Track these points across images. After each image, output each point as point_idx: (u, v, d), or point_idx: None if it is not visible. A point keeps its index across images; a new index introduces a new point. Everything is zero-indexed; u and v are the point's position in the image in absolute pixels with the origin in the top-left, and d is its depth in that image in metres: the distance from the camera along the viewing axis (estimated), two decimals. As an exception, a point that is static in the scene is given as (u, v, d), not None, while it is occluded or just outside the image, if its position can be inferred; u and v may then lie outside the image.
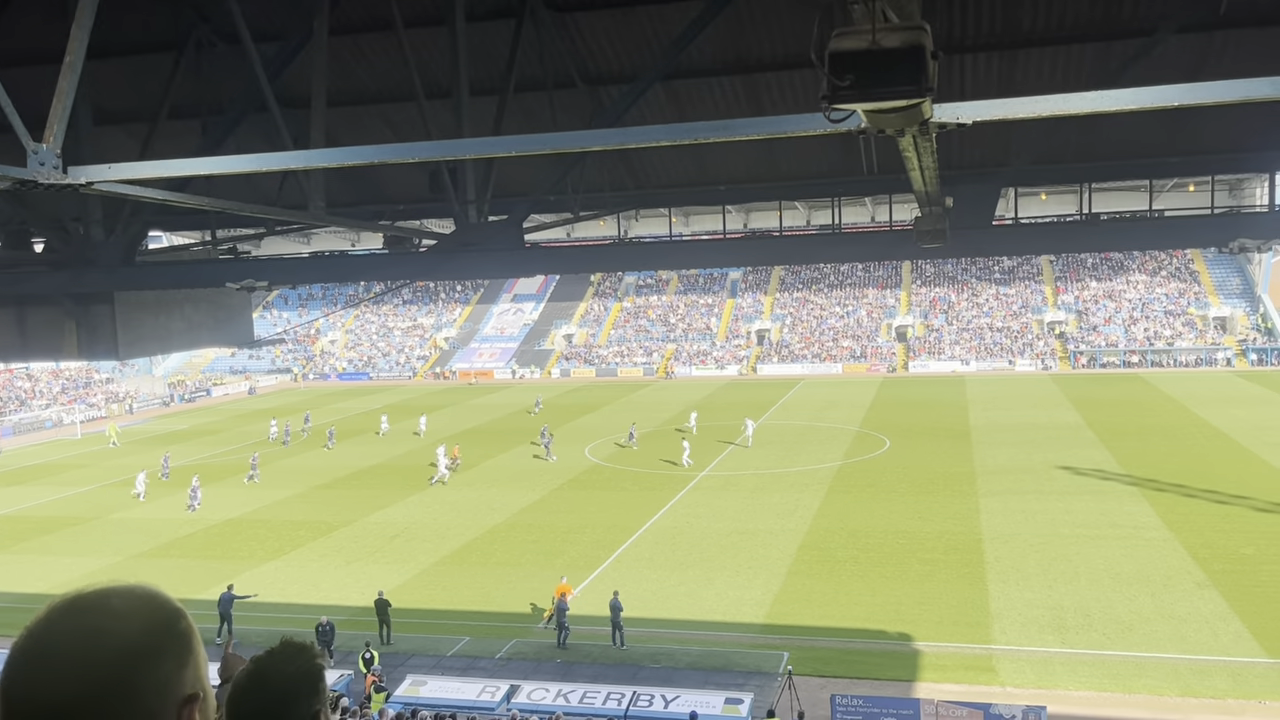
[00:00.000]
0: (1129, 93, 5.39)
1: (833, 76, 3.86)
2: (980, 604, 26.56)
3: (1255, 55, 12.59)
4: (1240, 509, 34.55)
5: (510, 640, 25.93)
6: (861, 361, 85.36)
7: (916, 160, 6.72)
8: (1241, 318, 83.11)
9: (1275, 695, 20.73)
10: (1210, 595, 26.35)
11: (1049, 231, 14.97)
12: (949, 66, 13.21)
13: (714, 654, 24.47)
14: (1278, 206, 15.06)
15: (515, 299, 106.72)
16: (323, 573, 32.07)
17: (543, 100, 14.51)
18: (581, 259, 16.24)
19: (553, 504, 39.95)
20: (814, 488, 40.73)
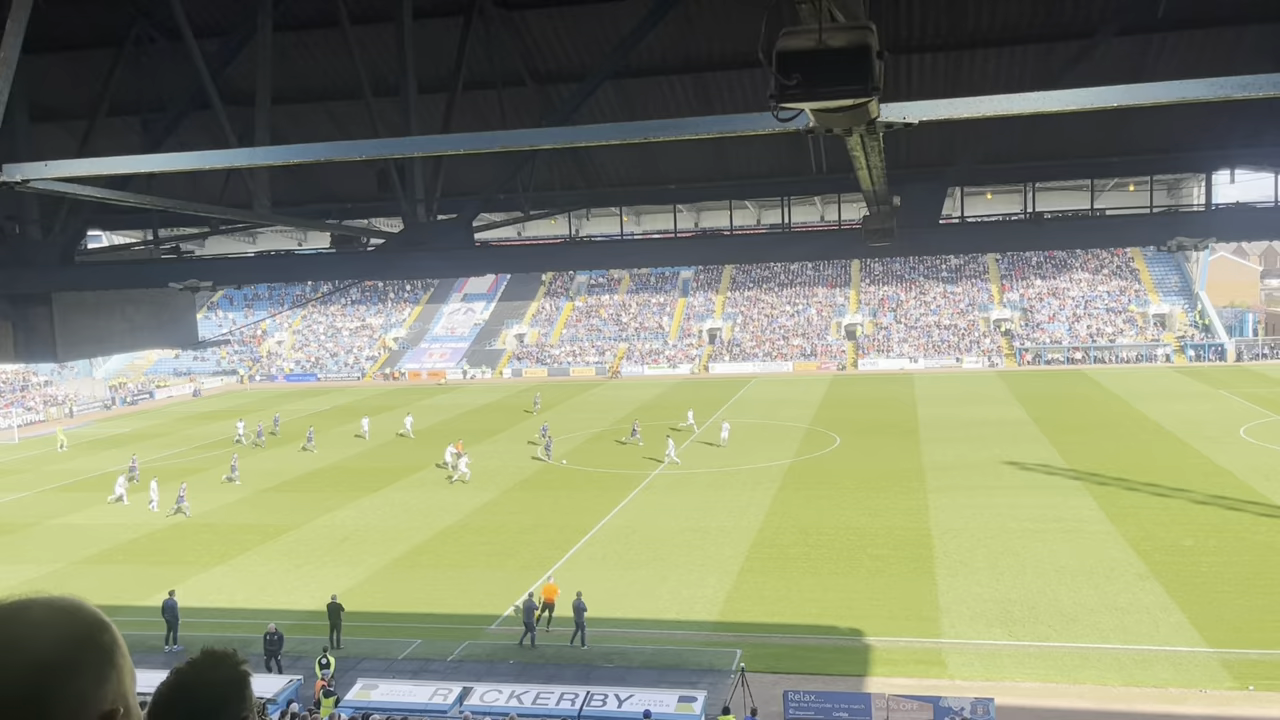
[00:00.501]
0: (1070, 93, 5.47)
1: (780, 76, 3.87)
2: (929, 598, 26.91)
3: (1192, 57, 12.89)
4: (1180, 502, 35.40)
5: (463, 642, 25.75)
6: (812, 360, 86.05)
7: (864, 159, 6.77)
8: (1180, 315, 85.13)
9: (1215, 684, 21.26)
10: (1151, 586, 26.94)
11: (994, 230, 15.21)
12: (896, 67, 13.35)
13: (667, 652, 24.51)
14: (1214, 205, 15.43)
15: (466, 299, 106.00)
16: (271, 577, 31.59)
17: (492, 98, 14.41)
18: (532, 258, 16.17)
19: (505, 505, 39.75)
20: (766, 485, 40.98)
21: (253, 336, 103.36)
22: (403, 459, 50.33)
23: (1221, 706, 20.33)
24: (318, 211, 18.03)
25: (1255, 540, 30.49)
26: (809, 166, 16.23)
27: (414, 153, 6.90)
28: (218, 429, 64.45)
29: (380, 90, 13.74)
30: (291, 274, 17.55)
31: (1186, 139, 15.25)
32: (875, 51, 3.77)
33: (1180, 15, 12.16)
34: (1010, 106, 5.49)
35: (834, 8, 3.70)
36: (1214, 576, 27.45)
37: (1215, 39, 12.67)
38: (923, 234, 12.35)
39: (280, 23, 12.97)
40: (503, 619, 26.70)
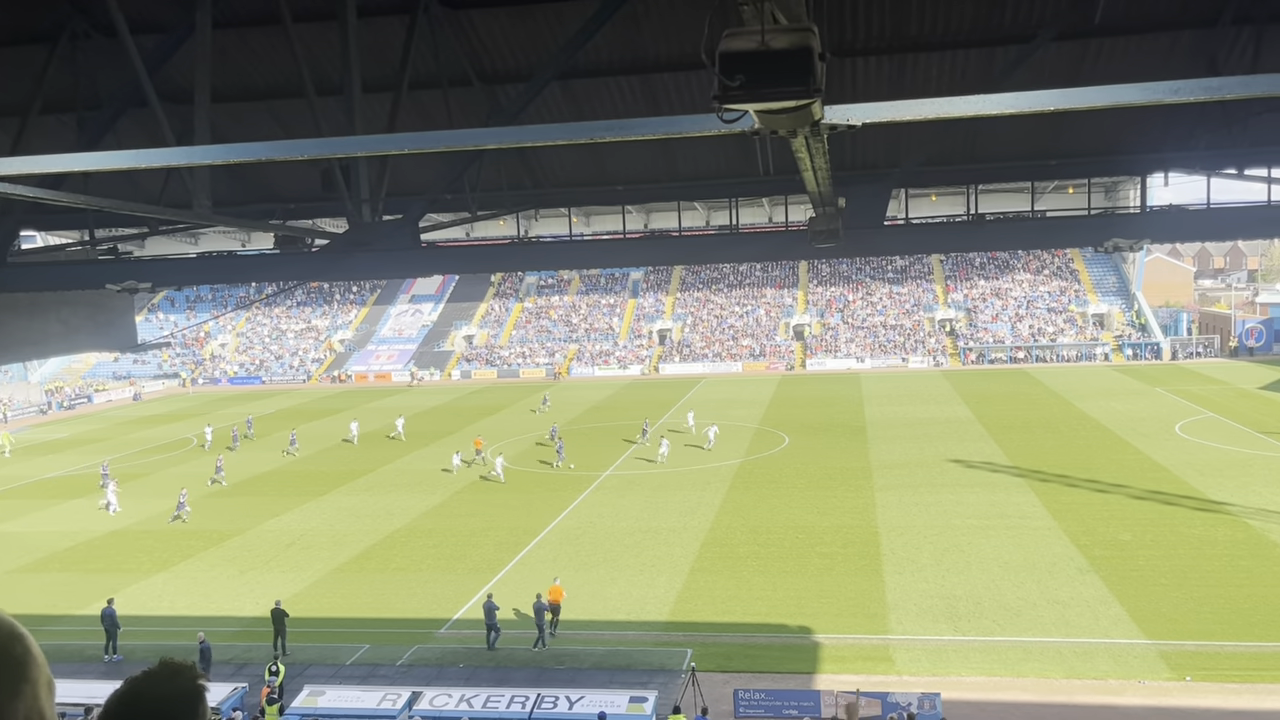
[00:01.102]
0: (1009, 97, 5.56)
1: (723, 77, 3.89)
2: (877, 595, 27.21)
3: (1127, 62, 13.19)
4: (1118, 497, 36.20)
5: (412, 646, 25.50)
6: (761, 360, 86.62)
7: (809, 161, 6.82)
8: (1118, 314, 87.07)
9: (1153, 675, 21.77)
10: (1092, 580, 27.51)
11: (938, 231, 15.43)
12: (841, 70, 13.50)
13: (618, 653, 24.51)
14: (1149, 208, 15.80)
15: (413, 300, 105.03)
16: (215, 584, 31.03)
17: (438, 98, 14.31)
18: (480, 259, 16.07)
19: (454, 508, 39.46)
20: (716, 485, 41.15)
21: (195, 339, 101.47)
22: (349, 463, 49.72)
23: (1159, 697, 20.82)
24: (261, 212, 17.75)
25: (1190, 534, 31.28)
26: (756, 168, 16.34)
27: (357, 152, 6.82)
28: (160, 433, 63.20)
29: (324, 89, 13.57)
30: (234, 275, 17.26)
31: (1122, 143, 15.60)
32: (817, 53, 3.80)
33: (1116, 21, 12.45)
34: (951, 109, 5.57)
35: (776, 10, 3.73)
36: (1151, 570, 28.11)
37: (1150, 44, 12.97)
38: (867, 235, 12.49)
39: (220, 20, 12.76)
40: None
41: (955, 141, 15.62)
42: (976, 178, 17.15)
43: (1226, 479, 38.22)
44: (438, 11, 12.85)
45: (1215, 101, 14.09)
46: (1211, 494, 36.05)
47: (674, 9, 12.59)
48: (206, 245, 40.20)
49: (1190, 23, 12.57)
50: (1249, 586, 26.42)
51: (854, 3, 12.42)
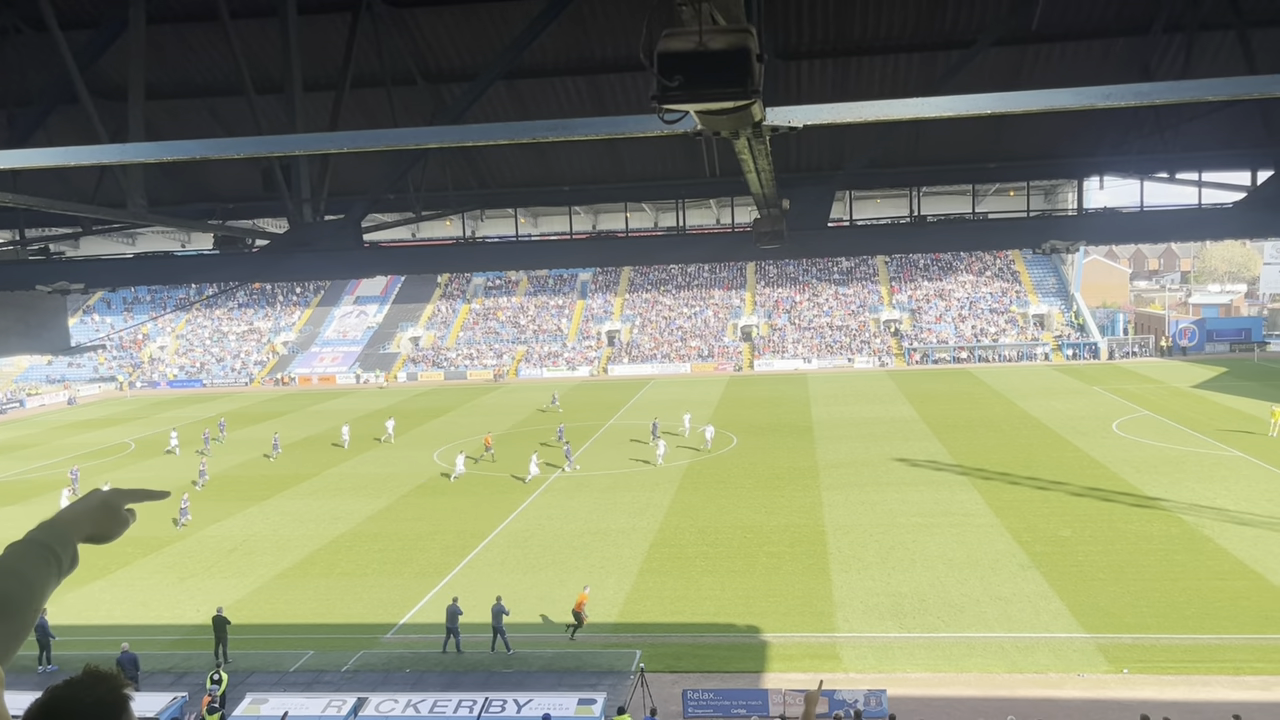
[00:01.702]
0: (948, 100, 5.63)
1: (661, 77, 3.88)
2: (824, 594, 27.45)
3: (1064, 67, 13.46)
4: (1058, 494, 36.93)
5: (358, 652, 25.19)
6: (709, 361, 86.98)
7: (752, 162, 6.85)
8: (1057, 315, 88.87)
9: (1091, 668, 22.23)
10: (1033, 576, 28.02)
11: (880, 233, 15.62)
12: (786, 72, 13.60)
13: (566, 655, 24.43)
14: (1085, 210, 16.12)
15: (358, 301, 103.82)
16: (153, 591, 30.37)
17: (382, 97, 14.14)
18: (424, 259, 15.93)
19: (400, 511, 39.06)
20: (664, 486, 41.22)
21: (132, 341, 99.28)
22: (294, 467, 48.99)
23: (1097, 689, 21.27)
24: (200, 211, 17.41)
25: (1127, 529, 32.01)
26: (703, 169, 16.40)
27: (297, 151, 6.72)
28: (96, 438, 61.74)
29: (264, 87, 13.36)
30: (171, 276, 16.90)
31: (1060, 146, 15.91)
32: (755, 55, 3.81)
33: (1053, 28, 12.70)
34: (891, 112, 5.62)
35: (715, 11, 3.73)
36: (1090, 565, 28.70)
37: (1085, 51, 13.25)
38: (811, 236, 12.58)
39: (156, 15, 12.50)
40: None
41: (898, 144, 15.82)
42: (919, 180, 17.37)
43: (1161, 475, 39.17)
44: (381, 10, 12.71)
45: (1148, 107, 14.44)
46: (1147, 490, 36.93)
47: (620, 10, 12.59)
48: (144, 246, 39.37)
49: (1124, 30, 12.85)
50: (1183, 580, 27.10)
51: (799, 6, 12.52)
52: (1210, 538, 30.69)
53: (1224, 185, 14.80)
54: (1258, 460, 41.25)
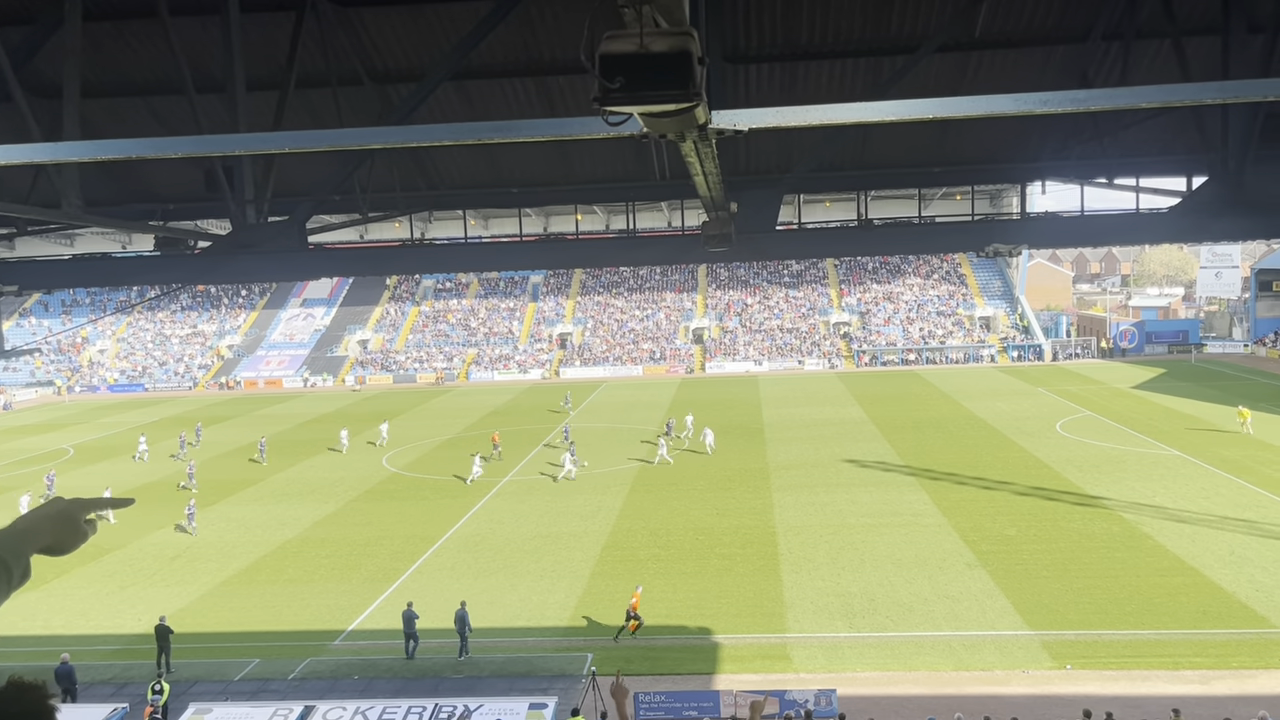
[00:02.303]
0: (892, 105, 5.68)
1: (603, 79, 3.87)
2: (775, 595, 27.60)
3: (1006, 74, 13.68)
4: (1004, 494, 37.53)
5: (304, 660, 24.82)
6: (661, 363, 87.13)
7: (699, 165, 6.86)
8: (1003, 317, 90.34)
9: (1036, 664, 22.60)
10: (979, 575, 28.43)
11: (828, 236, 15.74)
12: (733, 75, 13.66)
13: (518, 660, 24.30)
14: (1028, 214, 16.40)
15: (305, 304, 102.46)
16: (93, 600, 29.68)
17: (327, 97, 13.99)
18: (372, 261, 15.75)
19: (348, 516, 38.59)
20: (616, 489, 41.19)
21: (71, 345, 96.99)
22: (239, 472, 48.18)
23: (1042, 685, 21.63)
24: (140, 212, 17.06)
25: (1070, 528, 32.61)
26: (653, 172, 16.41)
27: (238, 150, 6.59)
28: (33, 444, 60.19)
29: (206, 86, 13.13)
30: (111, 278, 16.52)
31: (1003, 152, 16.18)
32: (697, 57, 3.81)
33: (995, 35, 12.91)
34: (836, 116, 5.66)
35: (657, 13, 3.72)
36: (1035, 563, 29.19)
37: (1026, 58, 13.47)
38: (760, 239, 12.65)
39: (94, 12, 12.24)
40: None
41: (845, 148, 15.97)
42: (866, 184, 17.55)
43: (1103, 474, 39.98)
44: (326, 9, 12.55)
45: (1087, 113, 14.72)
46: (1089, 489, 37.66)
47: (568, 11, 12.56)
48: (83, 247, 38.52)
49: (1063, 38, 13.10)
50: (1124, 577, 27.67)
51: (746, 10, 12.58)
52: (1149, 535, 31.39)
53: (1161, 191, 15.14)
54: (1194, 459, 42.27)
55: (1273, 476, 38.58)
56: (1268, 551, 29.24)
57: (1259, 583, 26.68)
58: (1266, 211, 11.47)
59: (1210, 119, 12.02)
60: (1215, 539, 30.70)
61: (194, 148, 6.40)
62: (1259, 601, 25.36)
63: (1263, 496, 35.64)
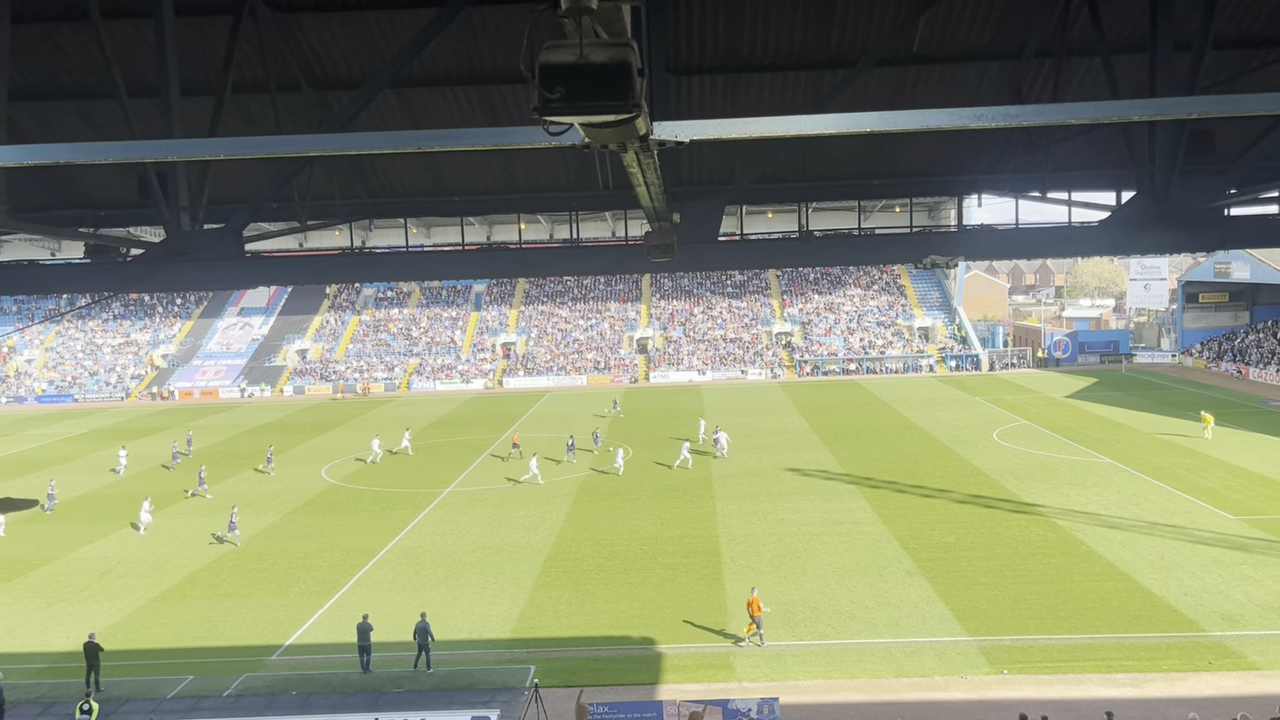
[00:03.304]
0: (831, 118, 5.75)
1: (542, 89, 3.86)
2: (718, 603, 27.68)
3: (942, 89, 13.93)
4: (943, 501, 38.10)
5: (240, 675, 24.30)
6: (605, 373, 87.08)
7: (641, 176, 6.87)
8: (941, 328, 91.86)
9: (974, 670, 22.94)
10: (919, 582, 28.81)
11: (769, 247, 15.88)
12: (676, 87, 13.73)
13: (460, 673, 24.04)
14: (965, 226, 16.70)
15: (242, 312, 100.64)
16: (19, 618, 28.75)
17: (265, 103, 13.78)
18: (311, 270, 15.51)
19: (286, 529, 37.91)
20: (560, 499, 41.03)
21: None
22: (174, 484, 47.08)
23: (980, 691, 21.96)
24: (69, 219, 16.62)
25: (1007, 535, 33.21)
26: (596, 182, 16.42)
27: (171, 156, 6.44)
28: None
29: (138, 90, 12.88)
30: (38, 286, 16.05)
31: (941, 165, 16.47)
32: (636, 69, 3.82)
33: (932, 50, 13.15)
34: (776, 128, 5.71)
35: (597, 24, 3.73)
36: (973, 570, 29.66)
37: (962, 73, 13.74)
38: (702, 250, 12.71)
39: (23, 14, 11.94)
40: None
41: (787, 160, 16.14)
42: (807, 195, 17.74)
43: (1038, 482, 40.81)
44: (265, 14, 12.38)
45: (1021, 128, 15.06)
46: (1025, 497, 38.40)
47: (510, 21, 12.53)
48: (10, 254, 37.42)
49: (998, 54, 13.39)
50: (1059, 583, 28.23)
51: (689, 23, 12.66)
52: (1083, 541, 32.08)
53: (1092, 205, 15.53)
54: (1125, 466, 43.34)
55: (1200, 483, 39.70)
56: (1195, 556, 30.07)
57: (1187, 587, 27.40)
58: (1191, 226, 11.82)
59: (1138, 135, 12.36)
60: (1145, 544, 31.48)
61: (126, 153, 6.25)
62: (1188, 606, 26.04)
63: (1190, 503, 36.66)
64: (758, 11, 12.47)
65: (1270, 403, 59.78)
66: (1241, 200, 13.69)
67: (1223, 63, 13.27)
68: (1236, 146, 14.34)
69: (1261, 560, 29.56)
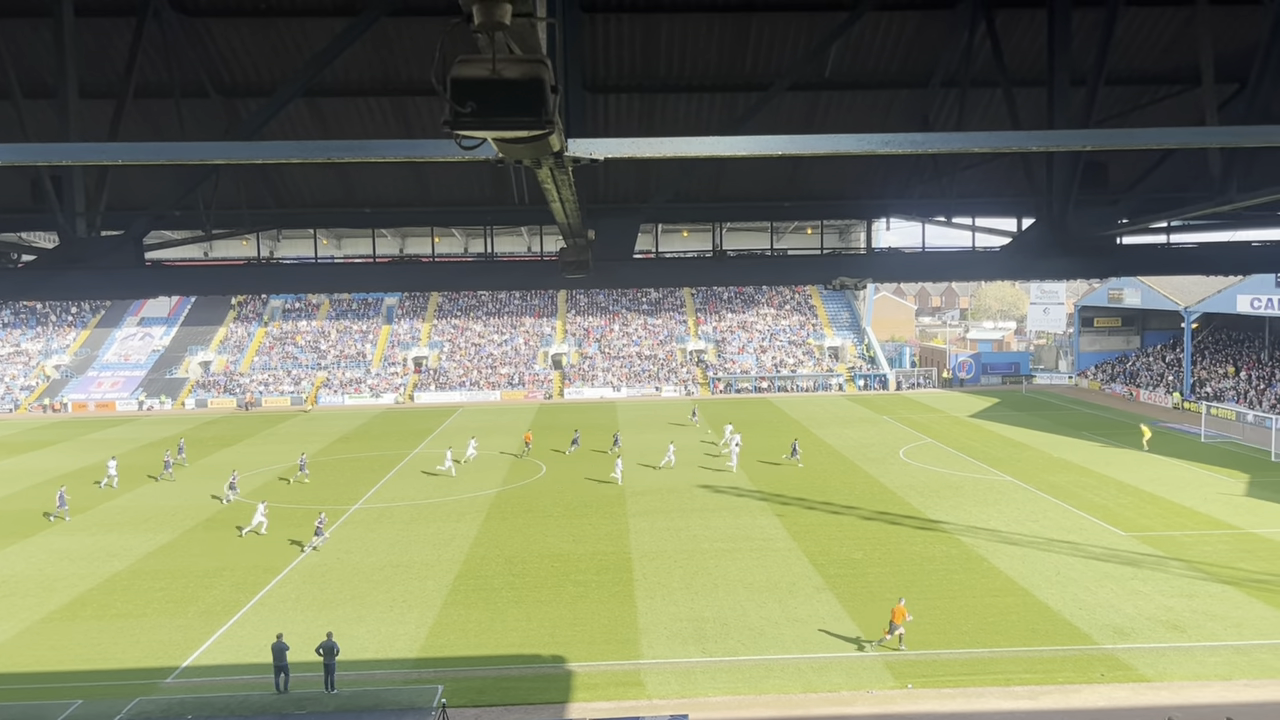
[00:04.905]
0: (744, 140, 5.84)
1: (454, 103, 3.84)
2: (629, 621, 27.66)
3: (854, 115, 14.26)
4: (850, 518, 38.78)
5: (133, 699, 23.34)
6: (519, 388, 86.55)
7: (556, 192, 6.87)
8: (851, 348, 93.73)
9: (880, 684, 23.33)
10: (827, 598, 29.23)
11: (683, 266, 16.02)
12: (592, 105, 13.78)
13: (365, 693, 23.51)
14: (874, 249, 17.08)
15: (143, 322, 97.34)
16: (-109, 642, 27.20)
17: (170, 108, 13.39)
18: (215, 280, 15.08)
19: (185, 547, 36.66)
20: (471, 516, 40.56)
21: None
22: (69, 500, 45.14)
23: (885, 705, 22.35)
24: (-46, 222, 15.86)
25: (913, 551, 33.95)
26: (511, 196, 16.36)
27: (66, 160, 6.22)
28: None
29: (34, 91, 12.41)
30: (-80, 292, 15.26)
31: (851, 189, 16.84)
32: (550, 85, 3.82)
33: (844, 76, 13.46)
34: (690, 149, 5.77)
35: (511, 40, 3.72)
36: (879, 585, 30.22)
37: (872, 100, 14.09)
38: (617, 267, 12.75)
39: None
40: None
41: (702, 180, 16.31)
42: (721, 216, 17.95)
43: (942, 499, 41.84)
44: (170, 17, 12.03)
45: (928, 155, 15.52)
46: (930, 514, 39.33)
47: (426, 32, 12.43)
48: (-109, 257, 35.55)
49: (907, 82, 13.77)
50: (961, 598, 28.94)
51: (606, 41, 12.73)
52: (984, 557, 32.97)
53: (994, 230, 16.05)
54: (1024, 484, 44.74)
55: (1094, 501, 41.19)
56: (1089, 572, 31.15)
57: (1082, 601, 28.36)
58: (1085, 253, 12.30)
59: (1037, 165, 12.83)
60: (1043, 560, 32.50)
61: (18, 156, 6.01)
62: (1082, 619, 26.95)
63: (1085, 520, 38.00)
64: (674, 33, 12.61)
65: (1158, 423, 62.41)
66: (1132, 230, 14.30)
67: (1115, 98, 13.87)
68: (1128, 179, 14.99)
69: (1150, 575, 30.78)
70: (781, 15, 12.29)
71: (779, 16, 12.31)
